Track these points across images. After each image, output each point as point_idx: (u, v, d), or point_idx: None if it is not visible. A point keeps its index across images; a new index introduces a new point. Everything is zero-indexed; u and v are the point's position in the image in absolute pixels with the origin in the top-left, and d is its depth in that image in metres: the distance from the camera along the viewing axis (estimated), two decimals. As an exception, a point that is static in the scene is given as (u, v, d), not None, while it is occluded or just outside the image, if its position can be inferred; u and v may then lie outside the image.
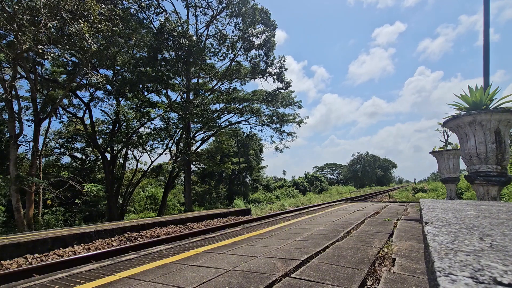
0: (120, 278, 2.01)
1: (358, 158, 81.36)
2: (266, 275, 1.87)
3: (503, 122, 3.69)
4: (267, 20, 19.13)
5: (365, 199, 21.08)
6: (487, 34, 5.34)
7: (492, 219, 1.11)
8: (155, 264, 2.35)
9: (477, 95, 3.95)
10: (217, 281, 1.81)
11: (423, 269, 1.96)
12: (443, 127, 6.19)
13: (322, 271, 1.93)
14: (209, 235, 3.66)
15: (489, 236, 0.78)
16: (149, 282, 1.89)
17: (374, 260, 2.18)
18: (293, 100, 24.15)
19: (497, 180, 3.72)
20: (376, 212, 5.57)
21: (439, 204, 1.92)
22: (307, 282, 1.73)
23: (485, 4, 5.30)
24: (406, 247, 2.65)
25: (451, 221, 1.08)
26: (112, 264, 2.42)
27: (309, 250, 2.49)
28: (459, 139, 4.19)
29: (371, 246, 2.64)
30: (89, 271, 2.25)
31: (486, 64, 5.32)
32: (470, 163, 3.96)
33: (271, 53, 19.99)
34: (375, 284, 1.79)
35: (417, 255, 2.34)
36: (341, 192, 37.74)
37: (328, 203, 11.82)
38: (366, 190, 46.73)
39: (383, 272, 1.96)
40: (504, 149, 3.70)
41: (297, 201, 21.42)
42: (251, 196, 29.18)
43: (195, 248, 2.88)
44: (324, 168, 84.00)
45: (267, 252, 2.52)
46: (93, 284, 1.91)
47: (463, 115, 3.92)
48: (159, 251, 2.86)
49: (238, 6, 18.05)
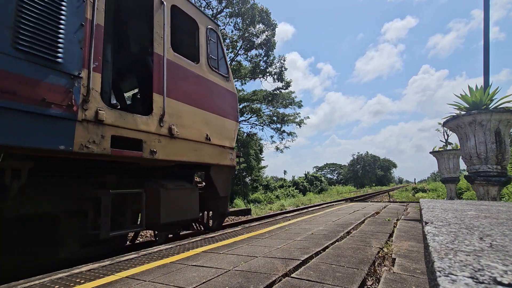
0: (120, 278, 2.02)
1: (358, 158, 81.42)
2: (266, 275, 1.87)
3: (503, 122, 3.69)
4: (267, 20, 19.14)
5: (365, 199, 21.10)
6: (487, 34, 5.34)
7: (492, 219, 1.11)
8: (155, 264, 2.35)
9: (477, 95, 3.95)
10: (217, 281, 1.81)
11: (423, 269, 1.96)
12: (443, 127, 6.19)
13: (322, 271, 1.93)
14: (209, 235, 3.66)
15: (489, 236, 0.78)
16: (149, 282, 1.89)
17: (374, 260, 2.18)
18: (294, 100, 24.17)
19: (497, 180, 3.72)
20: (376, 212, 5.58)
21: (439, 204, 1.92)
22: (307, 282, 1.73)
23: (485, 4, 5.30)
24: (406, 247, 2.66)
25: (451, 221, 1.08)
26: (112, 264, 2.42)
27: (309, 250, 2.49)
28: (459, 139, 4.19)
29: (371, 246, 2.64)
30: (89, 271, 2.25)
31: (486, 64, 5.32)
32: (470, 163, 3.97)
33: (271, 52, 20.00)
34: (375, 284, 1.80)
35: (417, 255, 2.34)
36: (341, 192, 37.77)
37: (328, 203, 11.82)
38: (366, 190, 46.76)
39: (383, 272, 1.96)
40: (504, 149, 3.70)
41: (297, 201, 21.44)
42: (251, 196, 29.19)
43: (195, 248, 2.89)
44: (324, 168, 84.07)
45: (267, 252, 2.52)
46: (93, 284, 1.91)
47: (463, 115, 3.92)
48: (159, 251, 2.87)
49: (238, 6, 18.05)
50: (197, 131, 4.56)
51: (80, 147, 2.96)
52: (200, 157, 4.59)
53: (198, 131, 4.59)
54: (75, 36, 3.07)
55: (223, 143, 5.17)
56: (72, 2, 3.06)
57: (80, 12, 3.16)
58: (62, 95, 2.86)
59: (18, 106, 2.48)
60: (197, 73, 4.75)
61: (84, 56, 3.13)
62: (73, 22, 3.06)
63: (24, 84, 2.57)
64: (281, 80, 20.62)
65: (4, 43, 2.45)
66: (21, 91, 2.54)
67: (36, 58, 2.70)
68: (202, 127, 4.69)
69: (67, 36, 2.98)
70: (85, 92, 3.09)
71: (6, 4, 2.51)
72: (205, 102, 4.84)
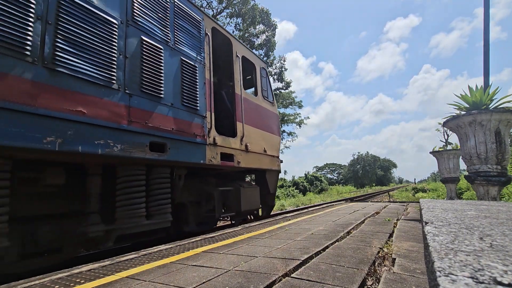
0: (120, 278, 2.02)
1: (359, 158, 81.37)
2: (266, 275, 1.87)
3: (503, 122, 3.69)
4: (267, 20, 19.15)
5: (365, 199, 21.09)
6: (487, 33, 5.34)
7: (492, 219, 1.11)
8: (155, 264, 2.35)
9: (477, 95, 3.95)
10: (217, 281, 1.81)
11: (423, 269, 1.96)
12: (443, 127, 6.19)
13: (322, 271, 1.93)
14: (209, 235, 3.66)
15: (489, 236, 0.78)
16: (149, 282, 1.89)
17: (374, 260, 2.18)
18: (294, 100, 24.16)
19: (497, 180, 3.72)
20: (376, 212, 5.58)
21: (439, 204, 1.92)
22: (307, 282, 1.73)
23: (485, 4, 5.30)
24: (406, 247, 2.66)
25: (451, 221, 1.08)
26: (112, 264, 2.42)
27: (309, 250, 2.49)
28: (459, 139, 4.19)
29: (371, 246, 2.64)
30: (89, 271, 2.25)
31: (486, 63, 5.32)
32: (470, 163, 3.97)
33: (272, 53, 20.00)
34: (375, 284, 1.79)
35: (417, 255, 2.34)
36: (341, 192, 37.74)
37: (328, 203, 11.82)
38: (366, 190, 46.73)
39: (383, 272, 1.96)
40: (504, 149, 3.70)
41: (297, 201, 21.43)
42: (251, 196, 29.10)
43: (195, 248, 2.89)
44: (324, 168, 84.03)
45: (267, 252, 2.52)
46: (93, 284, 1.91)
47: (463, 115, 3.92)
48: (159, 251, 2.87)
49: (238, 6, 18.05)
50: (259, 146, 6.27)
51: (208, 161, 4.53)
52: (261, 164, 6.31)
53: (260, 146, 6.31)
54: (203, 90, 4.65)
55: (273, 154, 6.92)
56: (200, 69, 4.65)
57: (204, 74, 4.74)
58: (200, 129, 4.47)
59: (186, 138, 4.16)
60: (256, 103, 6.54)
61: (207, 103, 4.70)
62: (202, 82, 4.66)
63: (187, 125, 4.20)
64: (281, 81, 20.63)
65: (178, 102, 4.10)
66: (185, 129, 4.16)
67: (189, 109, 4.30)
68: (261, 143, 6.41)
69: (200, 92, 4.57)
70: (209, 126, 4.67)
71: (176, 77, 4.13)
72: (262, 124, 6.58)
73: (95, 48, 3.08)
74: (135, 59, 3.54)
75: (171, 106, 3.95)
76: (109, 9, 3.29)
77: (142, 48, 3.64)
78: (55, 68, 2.71)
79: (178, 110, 4.06)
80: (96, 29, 3.11)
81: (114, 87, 3.24)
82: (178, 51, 4.23)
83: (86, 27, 3.01)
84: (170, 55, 4.08)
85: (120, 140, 3.21)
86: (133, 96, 3.45)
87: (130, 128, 3.34)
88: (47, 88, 2.63)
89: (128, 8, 3.54)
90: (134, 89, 3.48)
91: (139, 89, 3.54)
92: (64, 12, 2.83)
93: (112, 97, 3.20)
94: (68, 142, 2.74)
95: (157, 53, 3.85)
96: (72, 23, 2.89)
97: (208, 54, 4.92)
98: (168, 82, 3.96)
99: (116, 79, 3.26)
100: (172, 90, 4.02)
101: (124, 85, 3.36)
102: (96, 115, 3.00)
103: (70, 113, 2.77)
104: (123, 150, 3.23)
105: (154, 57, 3.79)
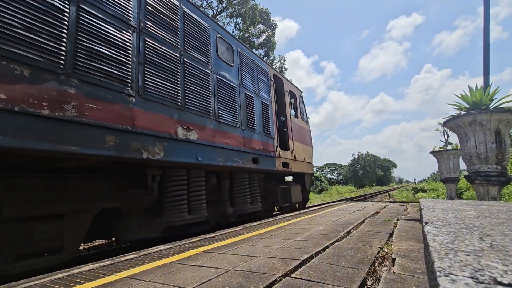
0: (120, 278, 2.02)
1: (359, 158, 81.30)
2: (266, 275, 1.87)
3: (503, 122, 3.69)
4: (267, 20, 19.14)
5: (365, 199, 21.08)
6: (487, 34, 5.33)
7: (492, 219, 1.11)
8: (155, 264, 2.35)
9: (477, 95, 3.95)
10: (217, 281, 1.81)
11: (423, 269, 1.96)
12: (443, 127, 6.19)
13: (322, 271, 1.93)
14: (209, 235, 3.66)
15: (489, 236, 0.78)
16: (149, 282, 1.89)
17: (374, 260, 2.18)
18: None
19: (497, 180, 3.72)
20: (376, 212, 5.58)
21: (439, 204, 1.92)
22: (307, 282, 1.73)
23: (485, 4, 5.30)
24: (406, 247, 2.65)
25: (451, 221, 1.08)
26: (112, 264, 2.42)
27: (309, 250, 2.49)
28: (459, 139, 4.19)
29: (371, 246, 2.64)
30: (89, 271, 2.25)
31: (486, 63, 5.31)
32: (470, 163, 3.97)
33: (272, 52, 19.99)
34: (375, 284, 1.79)
35: (417, 255, 2.34)
36: (341, 192, 37.72)
37: (328, 203, 11.82)
38: (366, 190, 46.71)
39: (383, 272, 1.96)
40: (504, 149, 3.70)
41: (297, 201, 21.38)
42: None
43: (195, 248, 2.89)
44: (324, 168, 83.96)
45: (267, 252, 2.52)
46: (94, 284, 1.91)
47: (463, 115, 3.92)
48: (159, 251, 2.87)
49: (238, 6, 18.04)
50: (301, 156, 8.55)
51: (277, 168, 6.74)
52: (303, 169, 8.56)
53: (301, 155, 8.59)
54: (272, 120, 6.93)
55: (309, 161, 9.29)
56: (270, 106, 6.98)
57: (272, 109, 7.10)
58: (272, 147, 6.72)
59: (267, 154, 6.41)
60: (298, 124, 8.88)
61: (274, 128, 6.98)
62: (272, 115, 6.99)
63: (266, 145, 6.45)
64: (281, 80, 20.66)
65: (262, 131, 6.39)
66: (266, 148, 6.41)
67: (267, 134, 6.59)
68: (302, 153, 8.68)
69: (271, 121, 6.86)
70: (276, 144, 6.91)
71: (260, 114, 6.54)
72: (302, 139, 8.96)
73: (232, 105, 5.38)
74: (243, 107, 5.79)
75: (259, 134, 6.20)
76: (234, 80, 5.66)
77: (246, 99, 5.95)
78: (219, 120, 4.97)
79: (262, 136, 6.31)
80: (231, 93, 5.45)
81: (238, 126, 5.48)
82: (260, 97, 6.57)
83: (227, 93, 5.32)
84: (257, 100, 6.39)
85: (241, 158, 5.40)
86: (244, 130, 5.66)
87: (245, 150, 5.56)
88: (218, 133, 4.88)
89: (239, 77, 5.86)
90: (244, 126, 5.68)
91: (246, 125, 5.76)
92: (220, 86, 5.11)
93: (237, 132, 5.43)
94: (225, 161, 4.91)
95: (252, 101, 6.16)
96: (223, 93, 5.18)
97: (273, 94, 7.33)
98: (257, 118, 6.23)
99: (239, 122, 5.52)
100: (259, 123, 6.27)
101: (241, 124, 5.59)
102: (233, 144, 5.20)
103: (225, 144, 4.97)
104: (243, 164, 5.45)
105: (251, 104, 6.11)
